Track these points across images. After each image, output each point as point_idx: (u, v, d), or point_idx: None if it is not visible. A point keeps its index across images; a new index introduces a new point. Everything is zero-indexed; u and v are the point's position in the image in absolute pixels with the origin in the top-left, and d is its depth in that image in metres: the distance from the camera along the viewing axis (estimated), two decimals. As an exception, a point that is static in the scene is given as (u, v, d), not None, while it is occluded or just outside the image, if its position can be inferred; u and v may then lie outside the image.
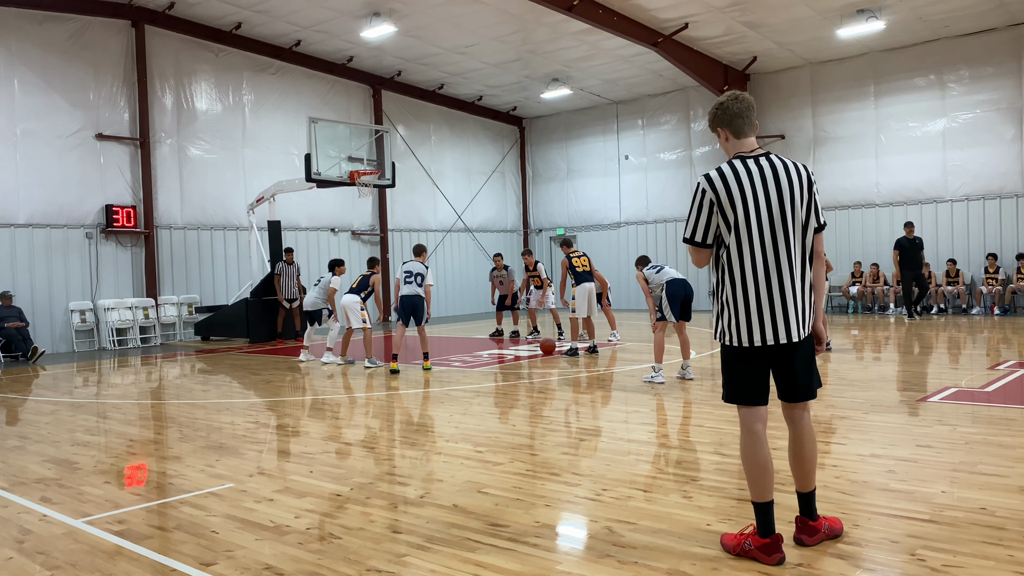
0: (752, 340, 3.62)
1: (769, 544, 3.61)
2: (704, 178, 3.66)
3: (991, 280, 17.62)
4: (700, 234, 3.67)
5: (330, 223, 20.98)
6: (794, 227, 3.61)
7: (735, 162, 3.67)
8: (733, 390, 3.75)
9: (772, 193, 3.59)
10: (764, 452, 3.66)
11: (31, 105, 15.81)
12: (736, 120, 3.73)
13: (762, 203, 3.57)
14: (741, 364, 3.70)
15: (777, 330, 3.60)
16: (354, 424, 7.50)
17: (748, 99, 3.76)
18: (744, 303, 3.60)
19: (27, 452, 6.68)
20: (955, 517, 4.13)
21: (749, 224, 3.57)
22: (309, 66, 20.15)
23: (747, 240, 3.58)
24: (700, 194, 3.65)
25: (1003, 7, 16.37)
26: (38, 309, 15.84)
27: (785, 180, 3.62)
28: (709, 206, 3.62)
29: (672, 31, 17.58)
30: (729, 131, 3.76)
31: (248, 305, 16.64)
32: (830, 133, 20.10)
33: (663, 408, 7.64)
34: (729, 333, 3.68)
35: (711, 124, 3.84)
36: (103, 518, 4.69)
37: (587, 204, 24.85)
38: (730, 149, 3.79)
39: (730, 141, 3.78)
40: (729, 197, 3.58)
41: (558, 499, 4.77)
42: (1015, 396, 7.78)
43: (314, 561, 3.86)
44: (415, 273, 11.13)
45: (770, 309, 3.58)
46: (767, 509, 3.64)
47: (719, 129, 3.80)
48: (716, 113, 3.79)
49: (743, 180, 3.60)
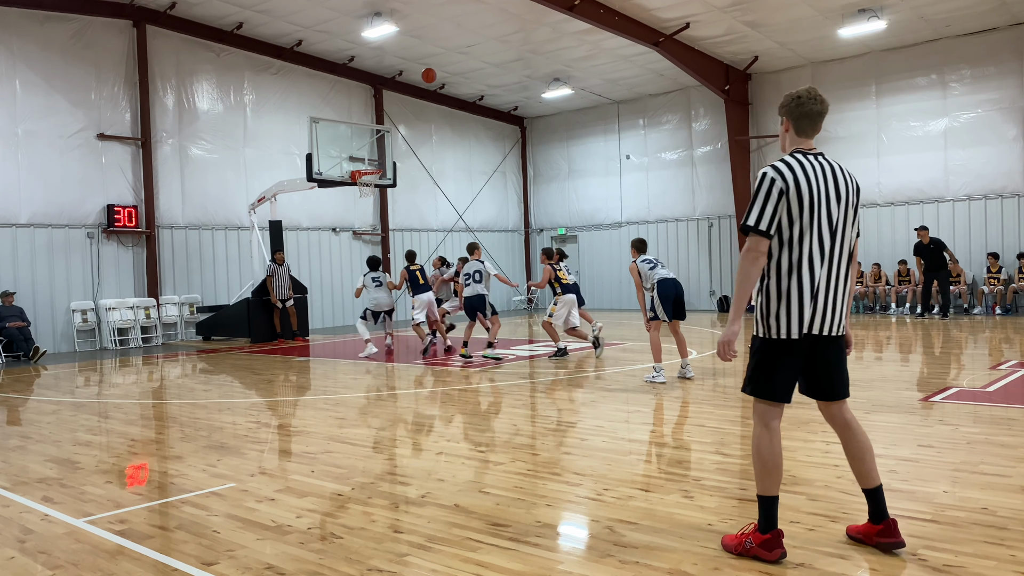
0: (800, 329, 3.58)
1: (770, 539, 3.62)
2: (772, 168, 3.62)
3: (992, 280, 17.60)
4: (766, 222, 3.57)
5: (331, 223, 20.99)
6: (845, 227, 3.66)
7: (799, 156, 3.66)
8: (763, 383, 3.70)
9: (831, 192, 3.62)
10: (778, 448, 3.69)
11: (32, 105, 15.82)
12: (804, 120, 3.74)
13: (823, 199, 3.59)
14: (778, 357, 3.66)
15: (824, 321, 3.61)
16: (355, 424, 7.50)
17: (825, 105, 3.76)
18: (798, 293, 3.57)
19: (29, 452, 6.68)
20: (957, 517, 4.13)
21: (812, 217, 3.57)
22: (310, 66, 20.16)
23: (808, 233, 3.58)
24: (769, 183, 3.59)
25: (1005, 6, 16.35)
26: (40, 309, 15.85)
27: (842, 181, 3.66)
28: (779, 195, 3.57)
29: (673, 31, 17.57)
30: (794, 125, 3.76)
31: (249, 305, 16.65)
32: (831, 133, 20.06)
33: (664, 408, 7.64)
34: (772, 325, 3.64)
35: (780, 110, 3.82)
36: (105, 518, 4.70)
37: (588, 204, 24.85)
38: (788, 142, 3.80)
39: (790, 134, 3.79)
40: (797, 188, 3.56)
41: (559, 499, 4.78)
42: (1017, 396, 7.77)
43: (315, 561, 3.86)
44: (475, 271, 12.02)
45: (823, 300, 3.59)
46: (773, 504, 3.67)
47: (784, 118, 3.80)
48: (791, 104, 3.75)
49: (810, 174, 3.60)
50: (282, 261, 16.60)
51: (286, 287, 16.51)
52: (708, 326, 17.08)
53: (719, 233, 22.19)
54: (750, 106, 21.19)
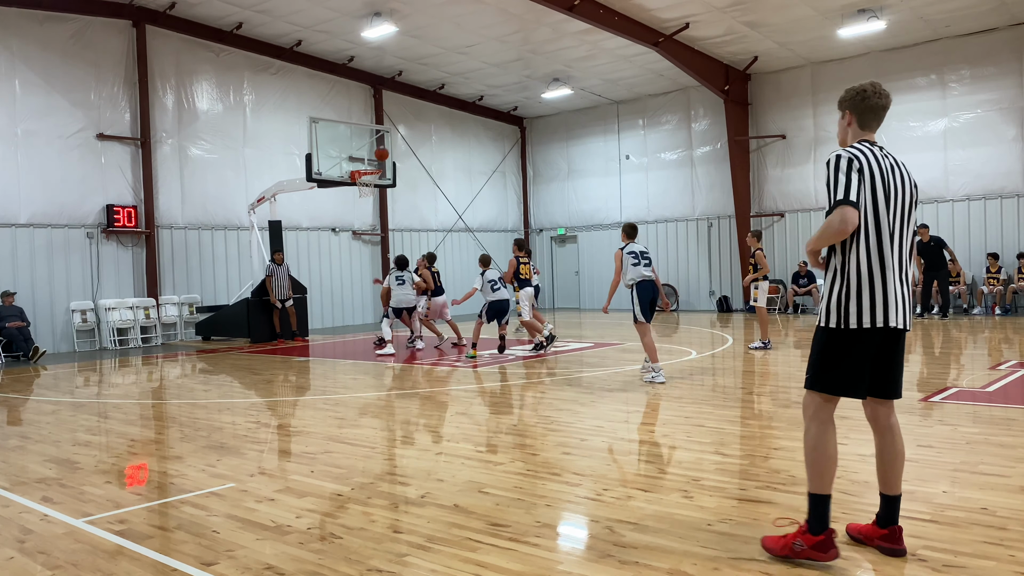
0: (873, 319, 3.52)
1: (824, 540, 3.53)
2: (846, 151, 3.58)
3: (992, 280, 17.61)
4: (854, 193, 3.47)
5: (331, 223, 20.99)
6: (908, 221, 3.63)
7: (865, 147, 3.62)
8: (830, 376, 3.60)
9: (898, 184, 3.59)
10: (833, 443, 3.61)
11: (32, 105, 15.82)
12: (868, 114, 3.72)
13: (890, 190, 3.56)
14: (847, 349, 3.57)
15: (897, 314, 3.54)
16: (355, 424, 7.50)
17: (889, 99, 3.74)
18: (869, 282, 3.52)
19: (28, 452, 6.68)
20: (956, 517, 4.13)
21: (887, 204, 3.54)
22: (310, 66, 20.16)
23: (884, 219, 3.54)
24: (847, 162, 3.53)
25: (1004, 7, 16.36)
26: (39, 309, 15.84)
27: (905, 177, 3.64)
28: (859, 171, 3.51)
29: (673, 31, 17.58)
30: (856, 119, 3.74)
31: (249, 305, 16.65)
32: (831, 133, 20.07)
33: (663, 408, 7.64)
34: (842, 314, 3.55)
35: (841, 103, 3.79)
36: (104, 518, 4.69)
37: (588, 204, 24.85)
38: (849, 135, 3.76)
39: (852, 127, 3.75)
40: (871, 172, 3.53)
41: (559, 499, 4.78)
42: (1016, 396, 7.77)
43: (315, 561, 3.86)
44: (498, 278, 12.50)
45: (894, 292, 3.54)
46: (826, 503, 3.57)
47: (847, 112, 3.76)
48: (855, 98, 3.72)
49: (880, 162, 3.57)
50: (281, 261, 16.61)
51: (285, 287, 16.52)
52: (707, 326, 17.08)
53: (718, 233, 22.19)
54: (750, 106, 21.20)
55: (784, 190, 20.98)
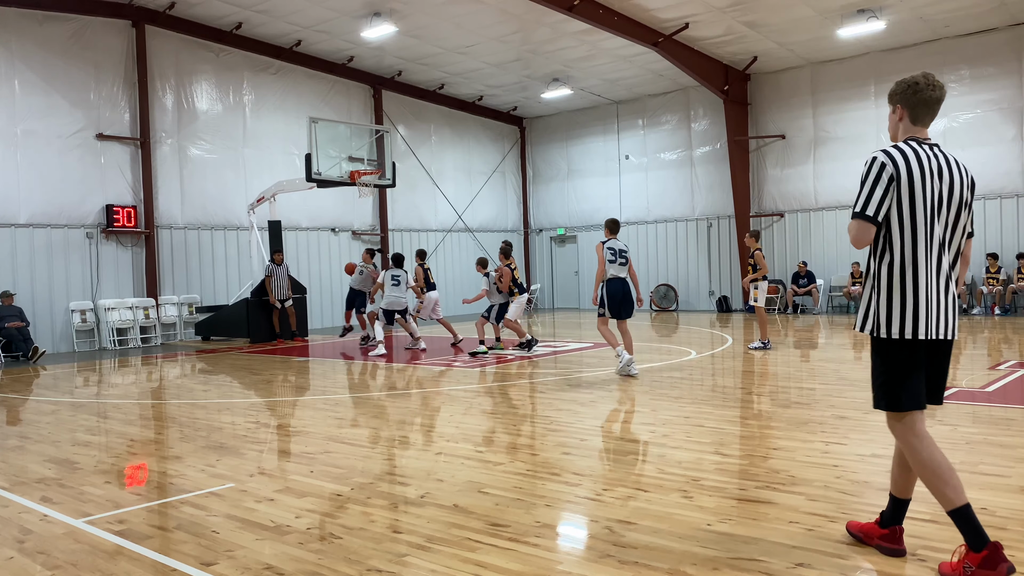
0: (916, 330, 3.34)
1: (989, 556, 3.24)
2: (882, 153, 3.40)
3: (992, 280, 17.62)
4: (874, 208, 3.34)
5: (331, 223, 20.99)
6: (957, 224, 3.44)
7: (912, 144, 3.44)
8: (898, 392, 3.41)
9: (946, 185, 3.39)
10: (941, 452, 3.42)
11: (32, 105, 15.82)
12: (921, 108, 3.51)
13: (936, 192, 3.36)
14: (907, 360, 3.39)
15: (943, 324, 3.38)
16: (354, 424, 7.50)
17: (943, 91, 3.53)
18: (913, 291, 3.35)
19: (28, 452, 6.68)
20: (956, 517, 4.12)
21: (925, 209, 3.35)
22: (310, 66, 20.16)
23: (921, 225, 3.35)
24: (879, 167, 3.37)
25: (1004, 7, 16.37)
26: (39, 309, 15.84)
27: (957, 176, 3.44)
28: (888, 180, 3.35)
29: (672, 31, 17.58)
30: (909, 113, 3.53)
31: (249, 305, 16.64)
32: (831, 133, 20.10)
33: (663, 408, 7.64)
34: (893, 323, 3.38)
35: (891, 96, 3.59)
36: (104, 518, 4.69)
37: (588, 204, 24.86)
38: (900, 130, 3.57)
39: (903, 122, 3.56)
40: (909, 176, 3.34)
41: (558, 499, 4.77)
42: (1016, 396, 7.77)
43: (315, 561, 3.86)
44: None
45: (937, 301, 3.36)
46: (968, 513, 3.31)
47: (898, 106, 3.56)
48: (907, 91, 3.52)
49: (924, 163, 3.38)
50: (280, 261, 16.60)
51: (285, 287, 16.51)
52: (707, 326, 17.08)
53: (718, 233, 22.20)
54: (749, 106, 21.20)
55: (783, 190, 20.99)
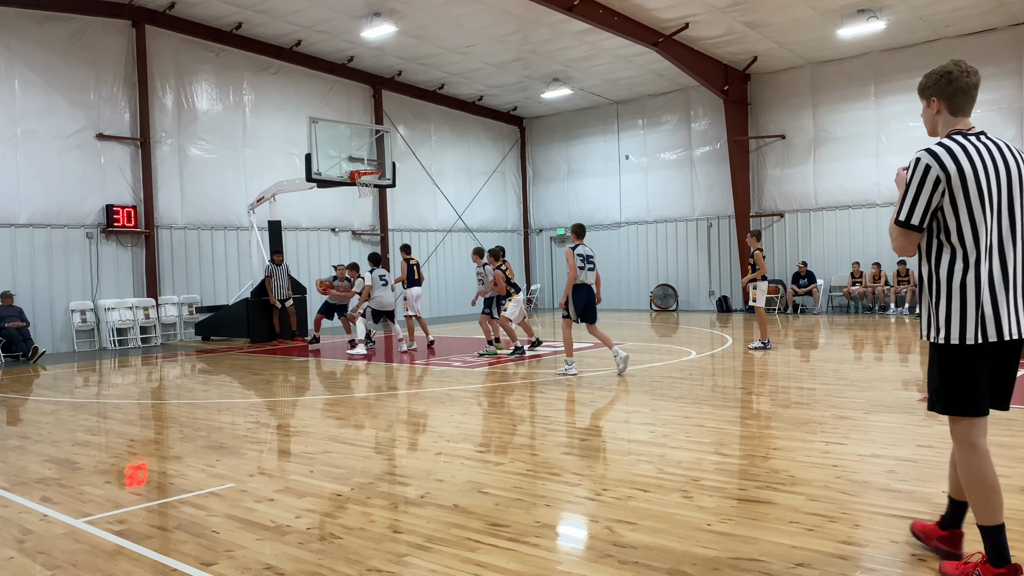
0: (977, 334, 3.17)
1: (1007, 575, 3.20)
2: (927, 153, 3.20)
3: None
4: (919, 216, 3.18)
5: (331, 223, 20.99)
6: (1015, 213, 3.22)
7: (958, 138, 3.24)
8: (955, 398, 3.25)
9: (1002, 176, 3.20)
10: (993, 469, 3.26)
11: (32, 105, 15.82)
12: (959, 96, 3.30)
13: (993, 185, 3.17)
14: (967, 365, 3.22)
15: (1009, 323, 3.20)
16: (355, 424, 7.50)
17: (977, 76, 3.32)
18: (975, 293, 3.16)
19: (28, 452, 6.68)
20: (956, 517, 4.12)
21: (982, 207, 3.15)
22: (310, 66, 20.16)
23: (980, 224, 3.15)
24: (923, 170, 3.17)
25: (1003, 7, 16.37)
26: (39, 309, 15.84)
27: (1013, 162, 3.24)
28: (934, 184, 3.15)
29: (672, 31, 17.58)
30: (945, 105, 3.32)
31: (248, 305, 16.65)
32: (831, 133, 20.10)
33: (663, 408, 7.64)
34: (952, 329, 3.20)
35: (923, 90, 3.39)
36: (104, 518, 4.69)
37: (588, 204, 24.86)
38: (940, 124, 3.36)
39: (942, 115, 3.34)
40: (961, 175, 3.14)
41: (558, 499, 4.77)
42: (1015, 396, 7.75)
43: (315, 561, 3.86)
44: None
45: (1004, 300, 3.18)
46: (999, 534, 3.21)
47: (933, 99, 3.35)
48: (941, 82, 3.31)
49: (974, 158, 3.17)
50: (280, 262, 16.61)
51: (285, 287, 16.52)
52: (707, 326, 17.08)
53: (718, 233, 22.20)
54: (749, 106, 21.20)
55: (783, 190, 20.99)
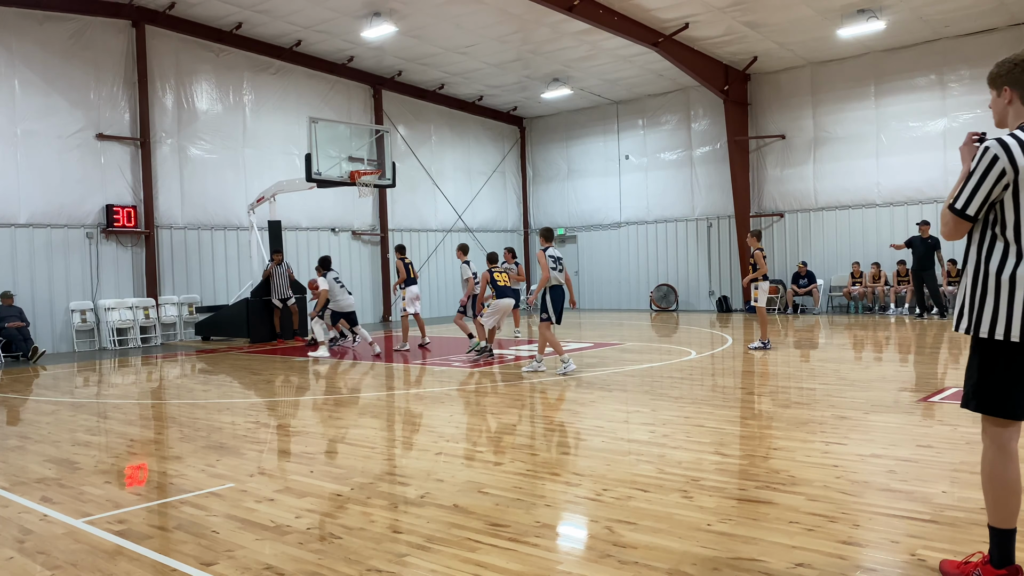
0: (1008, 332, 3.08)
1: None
2: (997, 143, 3.11)
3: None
4: (975, 207, 3.11)
5: (331, 223, 20.99)
6: None
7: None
8: (991, 397, 3.17)
9: None
10: (1018, 473, 3.18)
11: (32, 105, 15.81)
12: None
13: None
14: (1008, 362, 3.13)
15: None
16: (355, 424, 7.50)
17: None
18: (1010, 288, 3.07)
19: (28, 452, 6.68)
20: (956, 517, 4.13)
21: None
22: (309, 66, 20.16)
23: None
24: (990, 160, 3.10)
25: (1003, 7, 16.36)
26: (38, 309, 15.84)
27: None
28: (999, 175, 3.07)
29: (673, 31, 17.58)
30: (1019, 94, 3.21)
31: (249, 305, 16.65)
32: (831, 133, 20.10)
33: (663, 408, 7.64)
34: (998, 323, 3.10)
35: (995, 78, 3.29)
36: (104, 518, 4.69)
37: (588, 204, 24.86)
38: (1011, 115, 3.26)
39: (1013, 106, 3.25)
40: None
41: (558, 499, 4.77)
42: None
43: (315, 561, 3.86)
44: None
45: None
46: (1010, 538, 3.18)
47: (1005, 88, 3.24)
48: (1013, 70, 3.20)
49: None
50: (280, 262, 16.62)
51: (285, 287, 16.53)
52: (707, 326, 17.08)
53: (718, 233, 22.19)
54: (749, 106, 21.20)
55: (783, 190, 20.98)
